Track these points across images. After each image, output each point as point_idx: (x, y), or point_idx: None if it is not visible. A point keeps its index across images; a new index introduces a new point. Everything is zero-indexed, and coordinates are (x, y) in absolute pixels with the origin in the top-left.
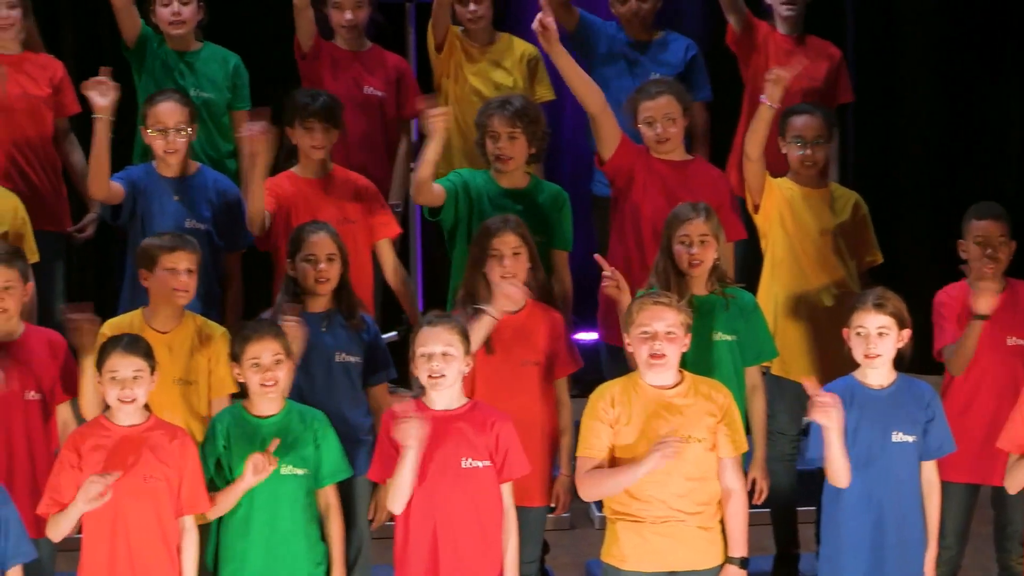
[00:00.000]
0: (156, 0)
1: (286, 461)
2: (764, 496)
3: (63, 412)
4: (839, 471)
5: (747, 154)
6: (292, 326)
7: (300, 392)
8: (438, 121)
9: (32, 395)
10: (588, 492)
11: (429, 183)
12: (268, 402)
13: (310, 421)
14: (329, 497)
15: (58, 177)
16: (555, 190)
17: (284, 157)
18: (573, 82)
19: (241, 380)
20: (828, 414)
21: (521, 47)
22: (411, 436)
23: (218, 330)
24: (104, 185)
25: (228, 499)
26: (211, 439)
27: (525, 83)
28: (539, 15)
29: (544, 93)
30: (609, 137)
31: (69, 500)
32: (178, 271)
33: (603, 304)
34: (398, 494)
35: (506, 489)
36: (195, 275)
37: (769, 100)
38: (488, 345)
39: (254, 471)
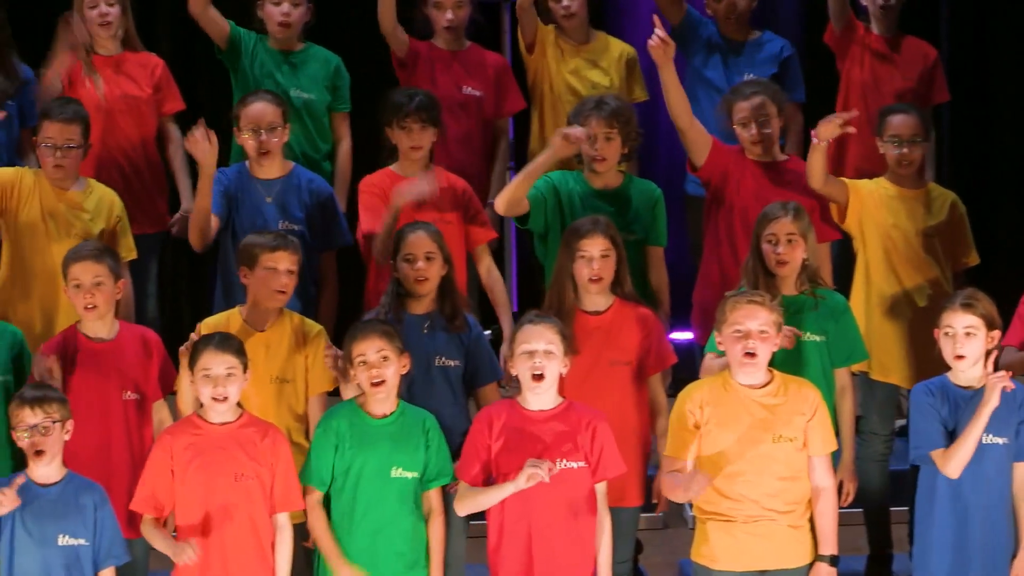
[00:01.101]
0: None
1: (396, 463)
2: (851, 498)
3: (160, 411)
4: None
5: (811, 180)
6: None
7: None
8: (567, 148)
9: (129, 395)
10: (463, 507)
11: (522, 200)
12: (379, 402)
13: (422, 423)
14: (432, 500)
15: (158, 177)
16: (649, 187)
17: (385, 156)
18: (671, 95)
19: (355, 380)
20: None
21: (619, 47)
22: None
23: (315, 328)
24: (206, 236)
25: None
26: (326, 433)
27: (621, 83)
28: (657, 31)
29: (640, 94)
30: (699, 146)
31: (162, 498)
32: (279, 271)
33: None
34: (471, 507)
35: (600, 489)
36: (295, 276)
37: (818, 138)
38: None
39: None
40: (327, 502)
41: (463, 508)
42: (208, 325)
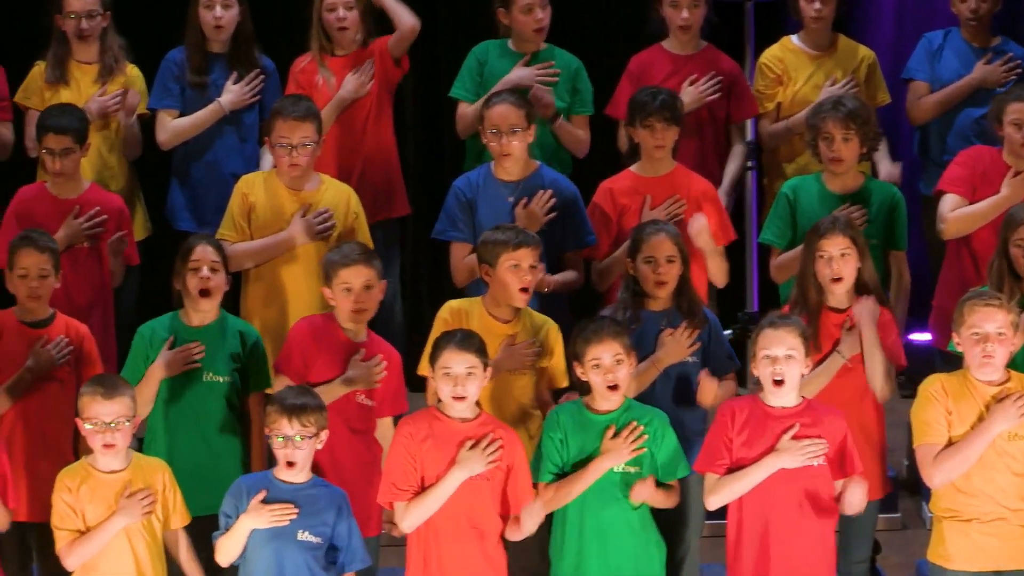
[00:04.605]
0: (516, 5)
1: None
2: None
3: (383, 426)
4: None
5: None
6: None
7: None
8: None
9: (362, 399)
10: (936, 478)
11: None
12: (607, 400)
13: (648, 420)
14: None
15: (392, 163)
16: (889, 190)
17: (627, 155)
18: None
19: (584, 379)
20: None
21: (862, 51)
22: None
23: (552, 324)
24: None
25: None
26: (551, 428)
27: (862, 87)
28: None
29: (883, 97)
30: None
31: (409, 489)
32: (521, 268)
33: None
34: (727, 497)
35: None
36: (538, 271)
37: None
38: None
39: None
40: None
41: (717, 500)
42: (451, 309)
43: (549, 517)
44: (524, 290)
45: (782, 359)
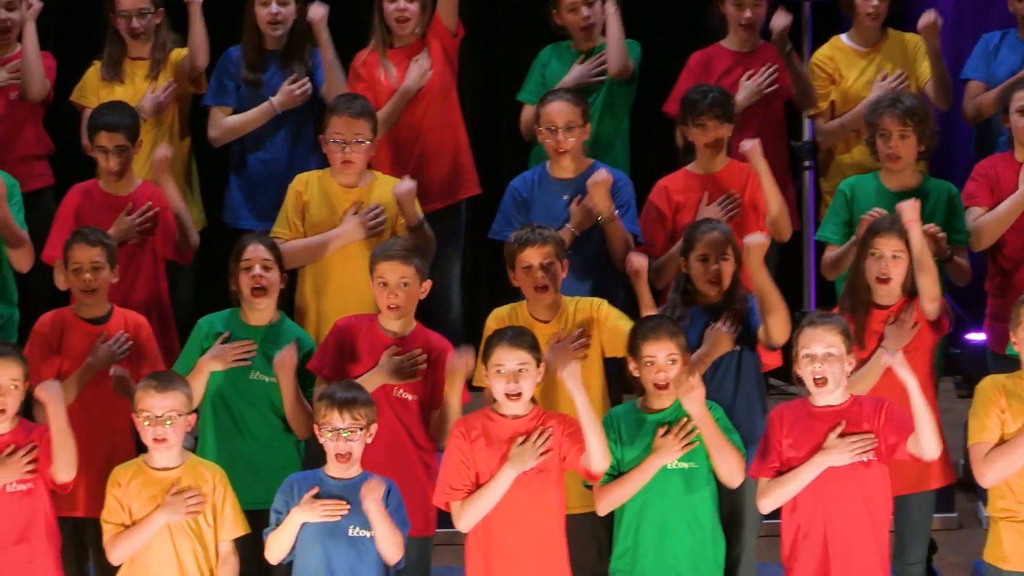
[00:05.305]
0: (562, 5)
1: (679, 457)
2: None
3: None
4: None
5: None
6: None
7: None
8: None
9: (400, 393)
10: (988, 476)
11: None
12: (656, 398)
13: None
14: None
15: (460, 143)
16: (946, 188)
17: (683, 152)
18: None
19: (636, 375)
20: None
21: (909, 39)
22: None
23: (598, 301)
24: None
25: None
26: (607, 430)
27: (917, 70)
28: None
29: (925, 72)
30: None
31: (463, 488)
32: (533, 268)
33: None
34: (779, 499)
35: None
36: (554, 266)
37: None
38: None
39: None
40: None
41: (769, 503)
42: (496, 317)
43: (607, 518)
44: (540, 288)
45: (821, 357)
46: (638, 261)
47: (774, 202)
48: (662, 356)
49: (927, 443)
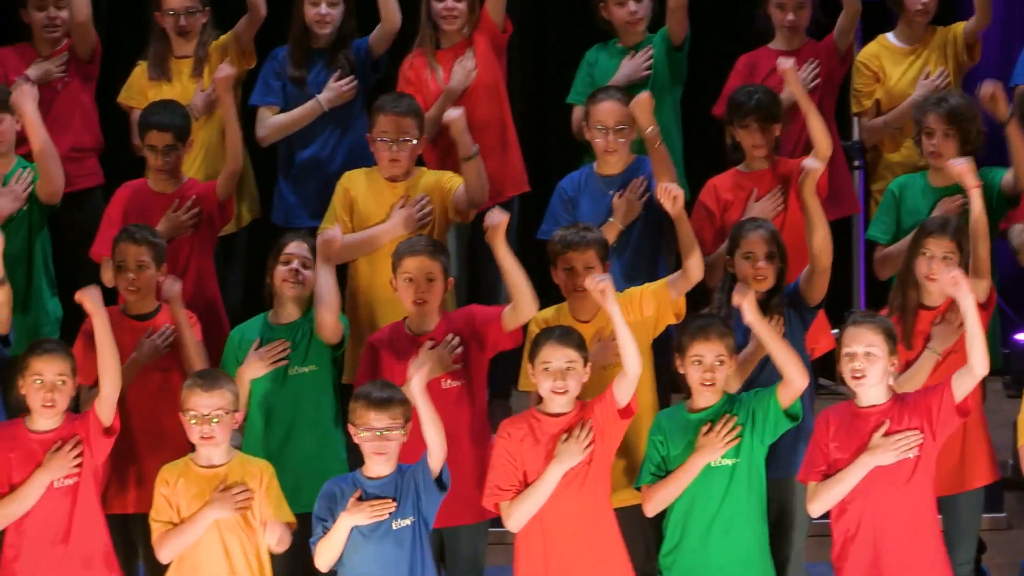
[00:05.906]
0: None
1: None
2: None
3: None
4: None
5: None
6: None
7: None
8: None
9: (448, 383)
10: (820, 506)
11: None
12: (701, 396)
13: (741, 403)
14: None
15: (508, 148)
16: (991, 184)
17: (731, 152)
18: None
19: (682, 371)
20: None
21: (949, 30)
22: None
23: (638, 289)
24: None
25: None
26: (652, 431)
27: (964, 58)
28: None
29: (977, 56)
30: None
31: (512, 489)
32: (575, 269)
33: None
34: (828, 503)
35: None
36: (595, 269)
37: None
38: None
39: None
40: None
41: (818, 506)
42: (538, 321)
43: (656, 518)
44: (575, 290)
45: (861, 356)
46: None
47: (813, 119)
48: (710, 356)
49: (976, 358)
